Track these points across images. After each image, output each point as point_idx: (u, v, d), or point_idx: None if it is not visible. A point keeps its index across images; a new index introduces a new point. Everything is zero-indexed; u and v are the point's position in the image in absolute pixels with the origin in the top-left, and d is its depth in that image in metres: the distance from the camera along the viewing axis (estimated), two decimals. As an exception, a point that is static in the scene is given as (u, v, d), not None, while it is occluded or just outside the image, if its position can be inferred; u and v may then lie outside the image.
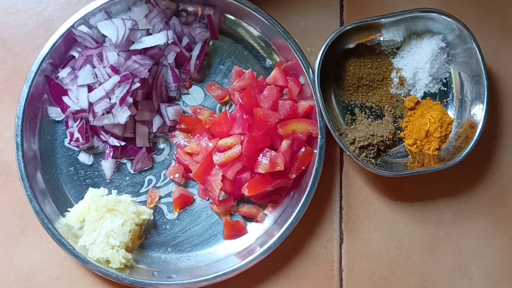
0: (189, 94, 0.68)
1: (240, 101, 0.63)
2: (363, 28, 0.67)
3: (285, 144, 0.63)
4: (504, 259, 0.67)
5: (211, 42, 0.69)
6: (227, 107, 0.68)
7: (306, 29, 0.70)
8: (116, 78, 0.62)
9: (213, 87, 0.68)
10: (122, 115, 0.62)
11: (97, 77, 0.63)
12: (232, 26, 0.69)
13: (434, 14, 0.64)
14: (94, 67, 0.64)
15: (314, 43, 0.69)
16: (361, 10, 0.70)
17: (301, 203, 0.63)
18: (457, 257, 0.66)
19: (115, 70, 0.62)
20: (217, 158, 0.62)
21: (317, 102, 0.63)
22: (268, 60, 0.68)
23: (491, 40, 0.70)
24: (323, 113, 0.62)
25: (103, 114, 0.63)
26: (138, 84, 0.62)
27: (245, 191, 0.62)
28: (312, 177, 0.64)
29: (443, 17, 0.64)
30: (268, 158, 0.62)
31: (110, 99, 0.62)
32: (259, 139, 0.62)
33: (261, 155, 0.62)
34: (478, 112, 0.65)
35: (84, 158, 0.66)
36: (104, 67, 0.63)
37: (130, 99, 0.62)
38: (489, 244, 0.67)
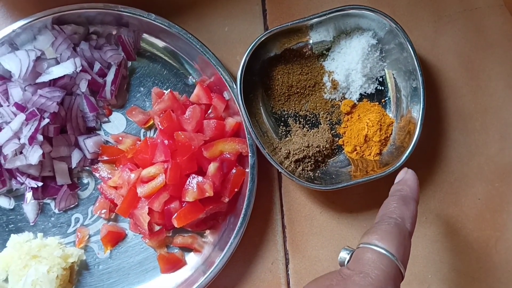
0: (110, 122, 0.63)
1: (160, 126, 0.59)
2: (289, 32, 0.62)
3: (212, 167, 0.58)
4: (461, 263, 0.63)
5: (129, 64, 0.64)
6: (152, 132, 0.64)
7: (230, 38, 0.65)
8: (22, 117, 0.57)
9: (133, 112, 0.63)
10: (34, 155, 0.57)
11: (3, 117, 0.59)
12: (148, 44, 0.64)
13: (354, 10, 0.59)
14: (0, 105, 0.59)
15: (240, 52, 0.65)
16: (285, 12, 0.66)
17: (237, 227, 0.59)
18: (411, 265, 0.62)
19: (20, 107, 0.58)
20: (141, 190, 0.58)
21: (243, 118, 0.59)
22: (190, 77, 0.64)
23: (427, 28, 0.66)
24: (250, 129, 0.58)
25: (15, 155, 0.58)
26: (47, 120, 0.58)
27: (175, 223, 0.57)
28: (246, 198, 0.59)
29: (368, 12, 0.60)
30: (195, 185, 0.57)
31: (19, 139, 0.58)
32: (184, 165, 0.57)
33: (187, 182, 0.58)
34: (417, 109, 0.60)
35: (4, 202, 0.62)
36: (8, 105, 0.58)
37: (40, 137, 0.58)
38: (444, 248, 0.63)
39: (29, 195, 0.61)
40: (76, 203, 0.62)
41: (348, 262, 0.40)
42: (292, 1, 0.66)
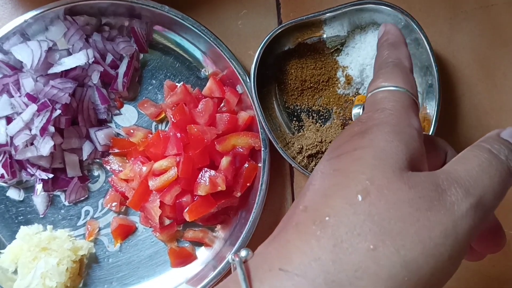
0: (121, 114, 0.63)
1: (172, 119, 0.58)
2: (303, 27, 0.61)
3: (225, 161, 0.58)
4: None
5: (141, 56, 0.64)
6: (163, 125, 0.63)
7: (243, 32, 0.65)
8: (33, 107, 0.57)
9: (145, 105, 0.62)
10: (45, 147, 0.57)
11: (14, 108, 0.58)
12: (161, 37, 0.63)
13: (370, 5, 0.59)
14: (12, 96, 0.59)
15: (253, 46, 0.64)
16: (299, 6, 0.65)
17: (249, 222, 0.59)
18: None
19: (32, 98, 0.57)
20: (153, 183, 0.57)
21: (256, 112, 0.58)
22: (203, 70, 0.63)
23: (443, 25, 0.65)
24: (263, 123, 0.58)
25: (25, 146, 0.58)
26: (59, 111, 0.57)
27: (186, 217, 0.57)
28: (258, 193, 0.59)
29: (384, 7, 0.59)
30: (208, 179, 0.57)
31: (30, 130, 0.57)
32: (196, 159, 0.57)
33: (200, 175, 0.57)
34: (432, 105, 0.60)
35: (14, 194, 0.61)
36: (20, 96, 0.58)
37: (51, 128, 0.57)
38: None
39: (39, 187, 0.60)
40: (86, 196, 0.62)
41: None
42: (307, -5, 0.65)
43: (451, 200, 0.30)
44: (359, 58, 0.62)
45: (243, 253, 0.33)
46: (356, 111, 0.41)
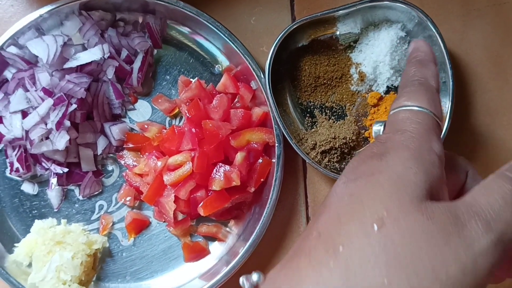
0: (136, 109, 0.63)
1: (187, 114, 0.59)
2: (316, 23, 0.62)
3: (239, 156, 0.58)
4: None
5: (155, 52, 0.64)
6: (177, 120, 0.63)
7: (257, 28, 0.65)
8: (49, 102, 0.57)
9: (159, 100, 0.63)
10: (60, 141, 0.57)
11: (30, 102, 0.58)
12: (175, 32, 0.64)
13: (383, 2, 0.59)
14: (27, 90, 0.59)
15: (266, 43, 0.64)
16: (313, 2, 0.65)
17: (263, 218, 0.59)
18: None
19: (48, 92, 0.57)
20: (168, 178, 0.58)
21: (270, 108, 0.58)
22: (217, 66, 0.64)
23: (455, 22, 0.65)
24: (277, 119, 0.58)
25: (41, 140, 0.58)
26: (74, 106, 0.58)
27: (201, 211, 0.57)
28: (272, 188, 0.59)
29: (399, 4, 0.59)
30: (222, 174, 0.57)
31: (46, 124, 0.58)
32: (211, 154, 0.57)
33: (214, 170, 0.57)
34: (445, 103, 0.60)
35: (28, 188, 0.62)
36: (36, 90, 0.58)
37: (67, 123, 0.57)
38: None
39: (53, 181, 0.61)
40: (101, 190, 0.62)
41: (383, 132, 0.39)
42: (320, -8, 0.65)
43: (471, 235, 0.28)
44: (372, 55, 0.62)
45: (254, 277, 0.33)
46: (377, 128, 0.40)
